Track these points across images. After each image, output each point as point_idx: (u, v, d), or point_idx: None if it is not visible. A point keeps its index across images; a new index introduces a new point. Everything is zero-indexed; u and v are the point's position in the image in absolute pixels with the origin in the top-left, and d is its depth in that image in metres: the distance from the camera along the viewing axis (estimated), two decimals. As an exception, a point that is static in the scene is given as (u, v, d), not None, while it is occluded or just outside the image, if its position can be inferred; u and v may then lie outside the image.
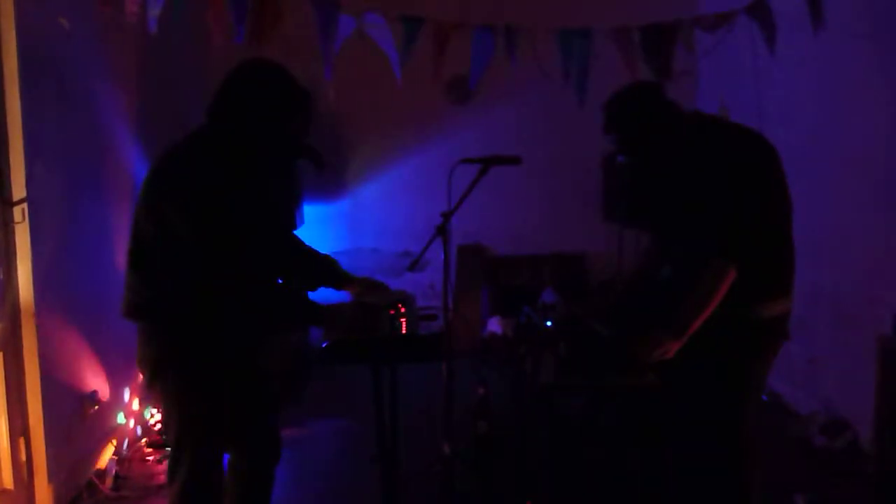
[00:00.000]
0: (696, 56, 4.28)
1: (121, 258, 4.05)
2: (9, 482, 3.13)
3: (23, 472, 3.19)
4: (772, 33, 3.92)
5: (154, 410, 4.11)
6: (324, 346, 2.45)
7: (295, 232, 2.86)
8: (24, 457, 3.19)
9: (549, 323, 3.07)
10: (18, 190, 3.11)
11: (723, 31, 4.09)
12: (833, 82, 4.09)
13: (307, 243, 2.77)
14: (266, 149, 2.38)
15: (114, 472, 3.67)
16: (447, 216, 2.68)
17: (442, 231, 2.66)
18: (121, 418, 3.97)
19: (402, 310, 2.58)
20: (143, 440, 4.09)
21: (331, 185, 6.14)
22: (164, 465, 3.84)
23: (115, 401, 3.94)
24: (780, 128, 2.58)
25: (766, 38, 3.95)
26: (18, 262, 3.14)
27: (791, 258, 2.63)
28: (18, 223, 3.12)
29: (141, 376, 2.48)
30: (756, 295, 2.56)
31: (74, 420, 3.53)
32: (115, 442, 3.89)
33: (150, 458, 3.95)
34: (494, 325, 5.50)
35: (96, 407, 3.67)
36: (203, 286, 2.28)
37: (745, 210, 2.48)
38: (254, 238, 2.35)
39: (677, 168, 2.63)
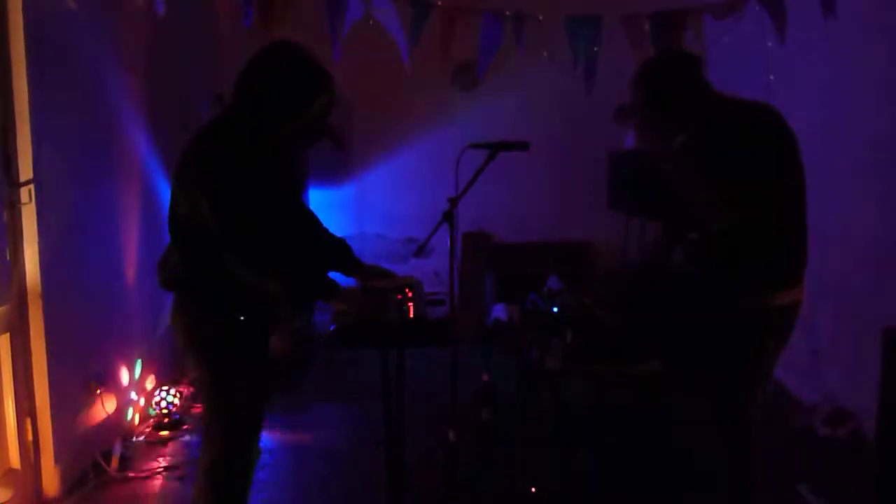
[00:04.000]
0: (705, 44, 4.27)
1: (128, 240, 4.06)
2: (16, 462, 3.15)
3: (29, 452, 3.21)
4: (782, 21, 3.90)
5: (162, 394, 4.12)
6: (332, 329, 2.46)
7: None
8: (30, 437, 3.21)
9: (555, 309, 3.07)
10: (26, 171, 3.11)
11: (732, 18, 4.08)
12: (843, 71, 4.06)
13: (324, 224, 2.77)
14: (288, 132, 2.39)
15: (119, 452, 3.69)
16: (454, 201, 2.67)
17: (449, 216, 2.66)
18: (126, 399, 3.99)
19: (410, 294, 2.59)
20: (149, 421, 4.11)
21: (336, 169, 6.14)
22: (169, 448, 3.89)
23: (121, 382, 3.95)
24: (790, 116, 2.56)
25: (776, 26, 3.93)
26: (25, 243, 3.15)
27: (804, 247, 2.61)
28: (25, 204, 3.12)
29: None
30: (768, 284, 2.54)
31: (81, 401, 3.54)
32: (120, 423, 3.91)
33: (156, 439, 3.97)
34: (499, 312, 5.51)
35: (102, 388, 3.69)
36: (226, 264, 2.31)
37: (759, 191, 2.45)
38: (271, 218, 2.35)
39: (694, 145, 2.60)
